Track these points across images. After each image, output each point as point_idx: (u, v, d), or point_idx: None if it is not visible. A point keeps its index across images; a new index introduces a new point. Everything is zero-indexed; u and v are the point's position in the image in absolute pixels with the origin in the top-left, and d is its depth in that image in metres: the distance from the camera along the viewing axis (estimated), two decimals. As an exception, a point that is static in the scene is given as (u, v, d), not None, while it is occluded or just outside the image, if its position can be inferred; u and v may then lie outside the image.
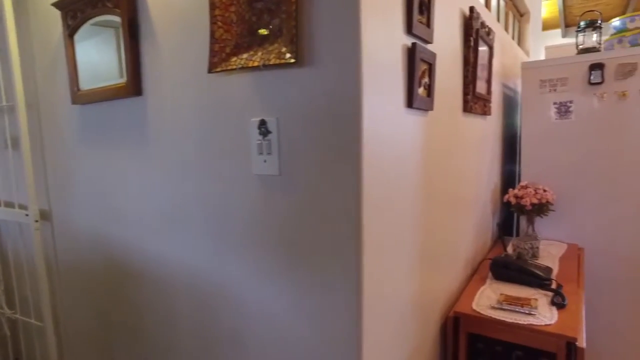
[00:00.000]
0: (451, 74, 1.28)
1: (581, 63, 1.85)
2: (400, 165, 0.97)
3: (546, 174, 1.98)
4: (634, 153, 1.80)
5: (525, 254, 1.70)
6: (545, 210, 1.85)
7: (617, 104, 1.80)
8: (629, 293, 1.88)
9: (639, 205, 1.82)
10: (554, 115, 1.93)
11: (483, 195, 1.79)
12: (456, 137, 1.35)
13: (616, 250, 1.88)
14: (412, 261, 1.08)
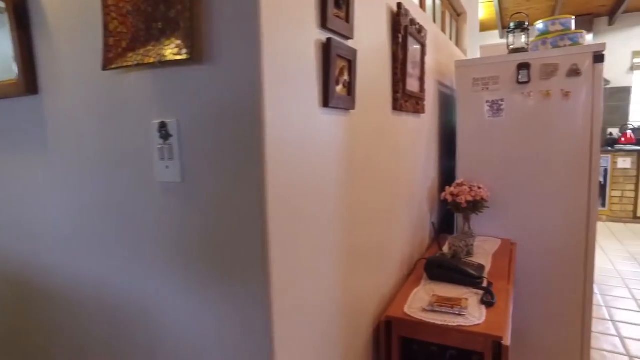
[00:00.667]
0: (378, 71, 1.24)
1: (510, 62, 1.89)
2: (318, 166, 0.91)
3: (481, 171, 2.01)
4: (558, 150, 1.86)
5: (460, 252, 1.71)
6: (480, 207, 1.88)
7: (543, 102, 1.85)
8: (557, 284, 1.95)
9: (563, 199, 1.89)
10: (487, 113, 1.96)
11: (419, 194, 1.79)
12: (385, 135, 1.31)
13: (544, 243, 1.95)
14: (336, 266, 1.03)
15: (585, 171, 1.84)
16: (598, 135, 1.80)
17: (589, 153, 1.82)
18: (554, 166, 1.89)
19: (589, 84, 1.76)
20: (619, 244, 4.28)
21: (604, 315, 2.79)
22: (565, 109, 1.82)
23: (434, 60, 2.02)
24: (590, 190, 1.85)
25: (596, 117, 1.79)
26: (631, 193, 4.97)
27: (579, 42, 1.85)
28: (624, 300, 3.00)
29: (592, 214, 1.86)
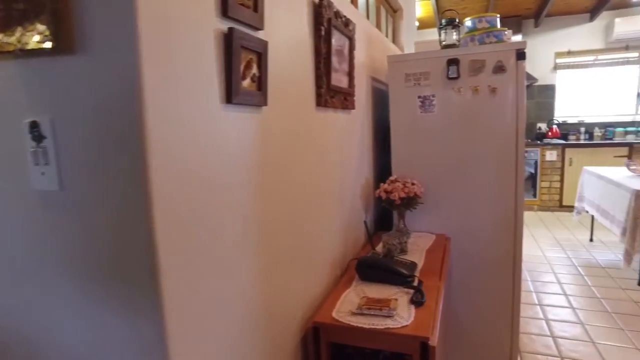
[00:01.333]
0: (298, 65, 1.17)
1: (440, 58, 1.90)
2: (221, 168, 0.83)
3: (415, 166, 2.01)
4: (487, 144, 1.89)
5: (394, 250, 1.69)
6: (414, 203, 1.87)
7: (472, 98, 1.87)
8: (489, 274, 1.99)
9: (493, 192, 1.92)
10: (419, 108, 1.96)
11: (351, 192, 1.75)
12: (308, 132, 1.25)
13: (477, 235, 1.98)
14: (254, 271, 0.96)
15: (512, 164, 1.89)
16: (523, 129, 1.85)
17: (515, 146, 1.87)
18: (483, 160, 1.92)
19: (513, 80, 1.80)
20: (547, 231, 4.54)
21: (534, 300, 2.92)
22: (492, 105, 1.86)
23: (367, 55, 1.99)
24: (517, 182, 1.90)
25: (521, 112, 1.84)
26: (557, 184, 5.30)
27: (503, 39, 1.89)
28: (551, 285, 3.16)
29: (519, 204, 1.91)
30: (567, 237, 4.34)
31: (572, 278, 3.28)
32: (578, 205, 4.07)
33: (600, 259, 3.68)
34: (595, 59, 5.51)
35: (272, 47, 0.99)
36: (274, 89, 1.01)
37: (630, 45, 5.32)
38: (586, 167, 4.00)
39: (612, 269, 3.44)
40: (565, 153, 5.20)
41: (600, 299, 2.91)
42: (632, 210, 2.96)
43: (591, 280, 3.22)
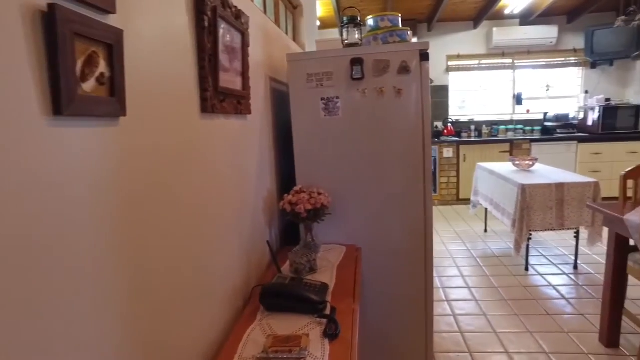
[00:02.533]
0: (173, 63, 0.94)
1: (343, 57, 1.78)
2: (53, 207, 0.57)
3: (321, 175, 1.87)
4: (394, 147, 1.82)
5: (302, 269, 1.53)
6: (321, 215, 1.73)
7: (377, 100, 1.78)
8: (402, 282, 1.94)
9: (401, 194, 1.86)
10: (323, 111, 1.82)
11: (252, 207, 1.54)
12: (191, 145, 1.02)
13: (388, 241, 1.91)
14: (120, 319, 0.71)
15: (420, 165, 1.84)
16: (429, 130, 1.81)
17: (422, 147, 1.82)
18: (391, 163, 1.85)
19: (418, 81, 1.75)
20: (448, 225, 4.79)
21: (441, 296, 2.99)
22: (398, 106, 1.79)
23: (265, 54, 1.79)
24: (425, 183, 1.86)
25: (426, 113, 1.79)
26: (454, 179, 5.64)
27: (407, 39, 1.83)
28: (455, 278, 3.29)
29: (428, 205, 1.87)
30: (465, 229, 4.60)
31: (472, 270, 3.44)
32: (474, 199, 4.34)
33: (494, 248, 3.94)
34: (479, 63, 5.97)
35: (131, 38, 0.75)
36: (137, 93, 0.77)
37: (506, 52, 5.86)
38: (479, 164, 4.27)
39: (505, 257, 3.70)
40: (460, 150, 5.55)
41: (498, 288, 3.08)
42: (519, 203, 3.19)
43: (488, 270, 3.41)
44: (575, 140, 5.45)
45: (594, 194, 3.16)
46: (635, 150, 5.38)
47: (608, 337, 2.33)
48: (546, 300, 2.86)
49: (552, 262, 3.53)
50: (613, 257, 2.28)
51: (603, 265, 3.38)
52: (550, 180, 3.23)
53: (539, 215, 3.19)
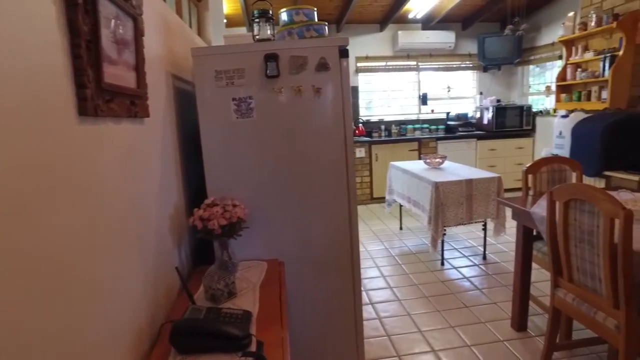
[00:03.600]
0: (30, 49, 0.69)
1: (256, 52, 1.60)
2: None
3: (235, 184, 1.68)
4: (315, 150, 1.69)
5: (219, 295, 1.33)
6: (238, 229, 1.53)
7: (295, 100, 1.64)
8: (329, 292, 1.82)
9: (325, 199, 1.74)
10: (234, 113, 1.63)
11: (155, 229, 1.30)
12: (64, 160, 0.77)
13: (311, 256, 1.77)
14: None
15: (342, 168, 1.74)
16: (350, 131, 1.72)
17: (344, 149, 1.72)
18: (312, 167, 1.72)
19: (338, 79, 1.64)
20: (365, 225, 4.83)
21: (366, 299, 2.95)
22: (318, 106, 1.66)
23: (166, 47, 1.55)
24: (348, 185, 1.75)
25: (347, 113, 1.69)
26: (367, 178, 5.73)
27: (324, 34, 1.71)
28: (377, 280, 3.28)
29: (353, 209, 1.78)
30: (381, 228, 4.67)
31: (392, 269, 3.47)
32: (389, 197, 4.41)
33: (411, 245, 4.04)
34: (386, 64, 6.15)
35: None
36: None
37: (410, 54, 6.12)
38: (392, 163, 4.36)
39: (421, 253, 3.80)
40: (372, 149, 5.65)
41: (418, 285, 3.12)
42: (434, 200, 3.28)
43: (407, 268, 3.46)
44: (474, 138, 5.87)
45: (498, 188, 3.36)
46: (522, 146, 5.95)
47: (518, 322, 2.47)
48: (463, 293, 2.96)
49: (464, 255, 3.71)
50: (521, 247, 2.41)
51: (508, 254, 3.65)
52: (460, 177, 3.38)
53: (452, 211, 3.31)
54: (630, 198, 2.05)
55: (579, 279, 1.82)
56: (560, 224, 1.85)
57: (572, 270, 1.86)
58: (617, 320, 1.65)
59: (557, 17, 5.23)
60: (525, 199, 2.46)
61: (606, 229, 1.61)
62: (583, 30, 3.85)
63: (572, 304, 1.87)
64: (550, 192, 1.88)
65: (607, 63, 3.60)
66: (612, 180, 3.42)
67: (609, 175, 3.42)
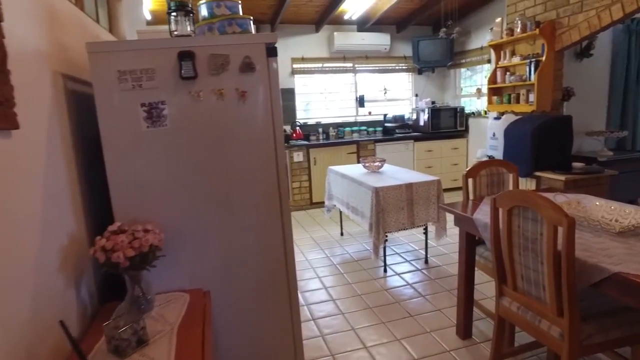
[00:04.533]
0: None
1: (168, 50, 1.36)
2: None
3: (148, 205, 1.42)
4: (242, 161, 1.48)
5: (126, 347, 1.07)
6: (151, 259, 1.28)
7: (216, 105, 1.42)
8: (261, 329, 1.61)
9: (255, 213, 1.54)
10: (144, 121, 1.37)
11: (31, 269, 1.02)
12: None
13: (242, 280, 1.56)
14: None
15: (273, 179, 1.54)
16: (281, 138, 1.53)
17: (275, 159, 1.52)
18: (238, 180, 1.51)
19: (266, 80, 1.44)
20: (304, 232, 4.66)
21: (307, 315, 2.77)
22: (243, 112, 1.45)
23: (53, 42, 1.26)
24: (281, 199, 1.56)
25: (277, 119, 1.50)
26: (306, 183, 5.57)
27: (249, 30, 1.50)
28: (319, 292, 3.11)
29: (286, 224, 1.59)
30: (322, 234, 4.53)
31: (334, 279, 3.32)
32: (328, 203, 4.28)
33: (352, 252, 3.92)
34: (322, 66, 6.04)
35: None
36: None
37: (347, 56, 6.06)
38: (331, 167, 4.22)
39: (363, 260, 3.69)
40: (310, 153, 5.50)
41: (361, 296, 3.00)
42: (374, 206, 3.18)
43: (350, 277, 3.34)
44: (411, 139, 5.92)
45: (438, 191, 3.34)
46: (457, 147, 6.11)
47: (464, 330, 2.41)
48: (407, 301, 2.88)
49: (406, 259, 3.65)
50: (464, 254, 2.35)
51: (449, 256, 3.64)
52: (400, 181, 3.31)
53: (393, 216, 3.23)
54: (564, 201, 2.05)
55: (523, 287, 1.77)
56: (503, 232, 1.79)
57: (516, 279, 1.80)
58: (561, 328, 1.61)
59: (485, 22, 5.41)
60: (467, 204, 2.41)
61: (550, 236, 1.56)
62: (510, 35, 3.97)
63: (517, 313, 1.82)
64: (494, 199, 1.82)
65: (532, 67, 3.72)
66: (542, 181, 3.53)
67: (539, 175, 3.52)
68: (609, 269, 1.44)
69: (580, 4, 3.37)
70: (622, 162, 4.05)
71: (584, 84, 4.11)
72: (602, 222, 1.80)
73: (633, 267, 1.43)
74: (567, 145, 3.59)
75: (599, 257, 1.52)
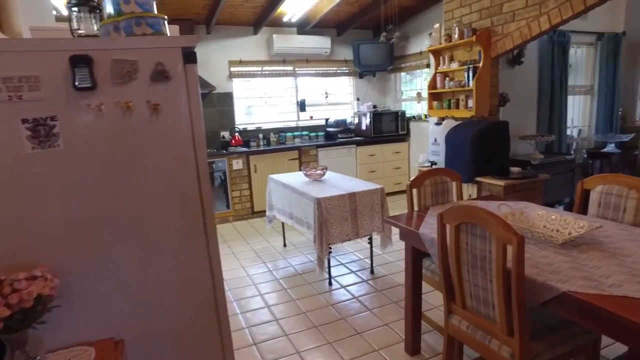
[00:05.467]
0: None
1: (56, 53, 1.11)
2: None
3: (36, 245, 1.15)
4: (153, 192, 1.26)
5: None
6: (38, 314, 1.03)
7: (123, 121, 1.18)
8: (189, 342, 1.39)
9: (173, 257, 1.32)
10: (28, 141, 1.11)
11: None
12: None
13: (161, 326, 1.33)
14: None
15: (196, 207, 1.33)
16: (203, 157, 1.32)
17: (197, 180, 1.31)
18: (153, 210, 1.29)
19: (184, 91, 1.23)
20: (245, 244, 4.42)
21: (249, 339, 2.56)
22: (157, 128, 1.23)
23: None
24: (205, 222, 1.35)
25: (198, 135, 1.29)
26: (247, 191, 5.32)
27: (162, 31, 1.28)
28: (261, 312, 2.90)
29: (213, 251, 1.38)
30: (264, 246, 4.31)
31: (278, 296, 3.13)
32: (269, 213, 4.07)
33: (296, 264, 3.75)
34: (261, 69, 5.82)
35: None
36: None
37: (287, 59, 5.89)
38: (271, 176, 4.03)
39: (307, 273, 3.53)
40: (250, 160, 5.26)
41: (306, 314, 2.84)
42: (317, 218, 3.03)
43: (294, 293, 3.16)
44: (354, 144, 5.86)
45: (381, 199, 3.26)
46: (399, 150, 6.14)
47: (412, 346, 2.33)
48: (354, 317, 2.75)
49: (352, 270, 3.54)
50: (411, 269, 2.26)
51: (394, 265, 3.58)
52: (343, 190, 3.19)
53: (336, 228, 3.10)
54: (508, 211, 2.02)
55: (472, 306, 1.70)
56: (451, 249, 1.70)
57: (465, 297, 1.72)
58: (512, 348, 1.54)
59: (424, 28, 5.48)
60: (412, 216, 2.33)
61: (499, 255, 1.48)
62: (448, 41, 4.00)
63: (467, 332, 1.74)
64: (440, 214, 1.73)
65: (470, 73, 3.76)
66: (482, 186, 3.57)
67: (480, 181, 3.56)
68: (558, 287, 1.38)
69: (512, 14, 3.45)
70: (552, 165, 4.23)
71: (517, 90, 4.24)
72: (546, 234, 1.77)
73: (579, 283, 1.39)
74: (505, 150, 3.67)
75: (547, 275, 1.47)
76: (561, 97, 4.67)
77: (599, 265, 1.52)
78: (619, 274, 1.44)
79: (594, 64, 5.18)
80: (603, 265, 1.51)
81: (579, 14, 3.01)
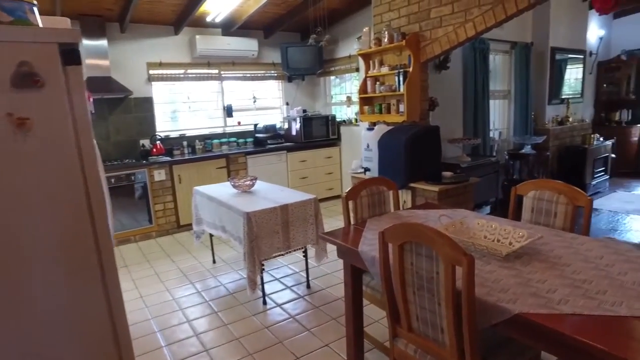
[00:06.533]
0: None
1: None
2: None
3: None
4: (25, 236, 0.96)
5: None
6: None
7: (16, 141, 0.87)
8: None
9: (63, 318, 1.03)
10: None
11: None
12: None
13: None
14: None
15: (89, 244, 1.05)
16: (97, 187, 1.04)
17: (89, 216, 1.03)
18: (27, 256, 0.98)
19: (63, 101, 0.94)
20: (171, 262, 4.03)
21: (172, 379, 2.25)
22: (26, 150, 0.93)
23: None
24: (103, 269, 1.08)
25: (88, 158, 1.01)
26: (171, 204, 4.90)
27: (30, 20, 0.98)
28: (189, 341, 2.59)
29: (115, 304, 1.11)
30: (191, 264, 3.96)
31: (208, 321, 2.83)
32: (197, 228, 3.74)
33: (227, 283, 3.46)
34: (184, 72, 5.42)
35: None
36: None
37: (211, 62, 5.54)
38: (196, 188, 3.70)
39: (239, 292, 3.27)
40: (174, 170, 4.85)
41: (239, 340, 2.59)
42: (246, 234, 2.79)
43: (225, 317, 2.88)
44: (284, 150, 5.66)
45: (315, 210, 3.09)
46: (330, 155, 6.05)
47: (354, 368, 2.18)
48: (291, 340, 2.55)
49: (287, 285, 3.34)
50: (350, 286, 2.11)
51: (332, 277, 3.42)
52: (274, 202, 2.97)
53: (267, 242, 2.88)
54: (449, 222, 1.94)
55: (419, 329, 1.57)
56: (395, 269, 1.56)
57: (411, 320, 1.60)
58: (462, 372, 1.44)
59: (353, 31, 5.42)
60: (349, 230, 2.18)
61: (447, 276, 1.37)
62: (378, 45, 3.95)
63: (415, 356, 1.62)
64: (382, 232, 1.58)
65: (401, 78, 3.74)
66: (417, 192, 3.55)
67: (414, 187, 3.53)
68: (510, 309, 1.29)
69: (440, 19, 3.47)
70: (479, 167, 4.37)
71: (444, 94, 4.32)
72: (489, 247, 1.70)
73: (529, 302, 1.32)
74: (437, 155, 3.68)
75: (496, 294, 1.38)
76: (484, 101, 4.86)
77: (543, 278, 1.47)
78: (563, 287, 1.40)
79: (510, 70, 5.48)
80: (547, 279, 1.46)
81: (501, 22, 3.09)
